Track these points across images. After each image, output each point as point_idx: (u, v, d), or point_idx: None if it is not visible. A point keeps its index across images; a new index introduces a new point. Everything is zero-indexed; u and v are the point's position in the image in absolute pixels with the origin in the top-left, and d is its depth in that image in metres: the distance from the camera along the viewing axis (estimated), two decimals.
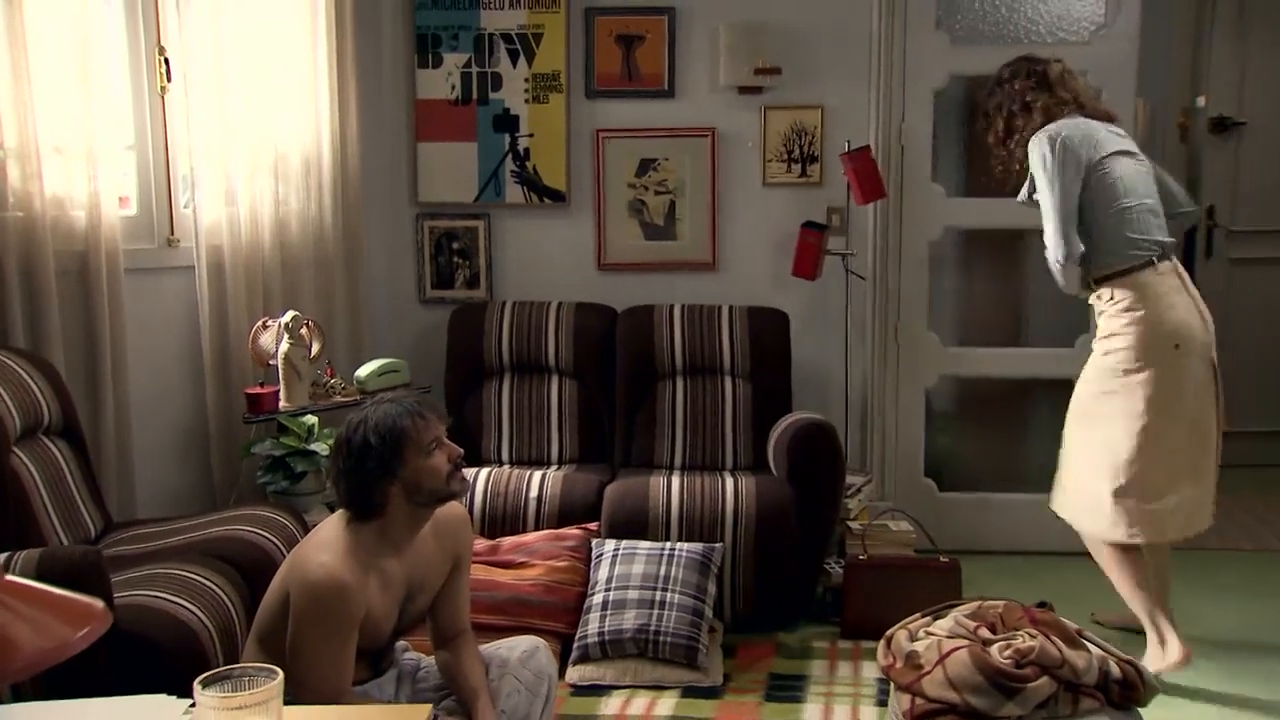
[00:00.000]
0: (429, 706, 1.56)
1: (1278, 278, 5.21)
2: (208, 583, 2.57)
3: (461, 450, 2.31)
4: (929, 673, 2.25)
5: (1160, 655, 3.10)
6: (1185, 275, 3.12)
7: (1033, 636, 2.25)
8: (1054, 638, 2.24)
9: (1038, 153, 3.10)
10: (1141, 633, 3.17)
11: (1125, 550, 3.12)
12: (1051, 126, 3.13)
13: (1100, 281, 3.11)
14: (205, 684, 1.37)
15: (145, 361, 3.39)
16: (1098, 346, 3.15)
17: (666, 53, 4.13)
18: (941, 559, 3.49)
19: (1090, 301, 3.19)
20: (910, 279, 4.18)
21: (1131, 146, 3.20)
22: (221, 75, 3.50)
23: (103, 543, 2.88)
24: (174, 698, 1.58)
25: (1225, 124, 5.14)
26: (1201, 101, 5.19)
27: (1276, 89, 5.10)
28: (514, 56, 4.15)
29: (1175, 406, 3.03)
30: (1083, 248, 3.07)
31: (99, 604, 1.26)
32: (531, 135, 4.18)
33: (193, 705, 1.42)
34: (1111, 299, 3.08)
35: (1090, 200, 3.08)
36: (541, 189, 4.22)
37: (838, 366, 4.16)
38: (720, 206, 4.19)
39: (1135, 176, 3.12)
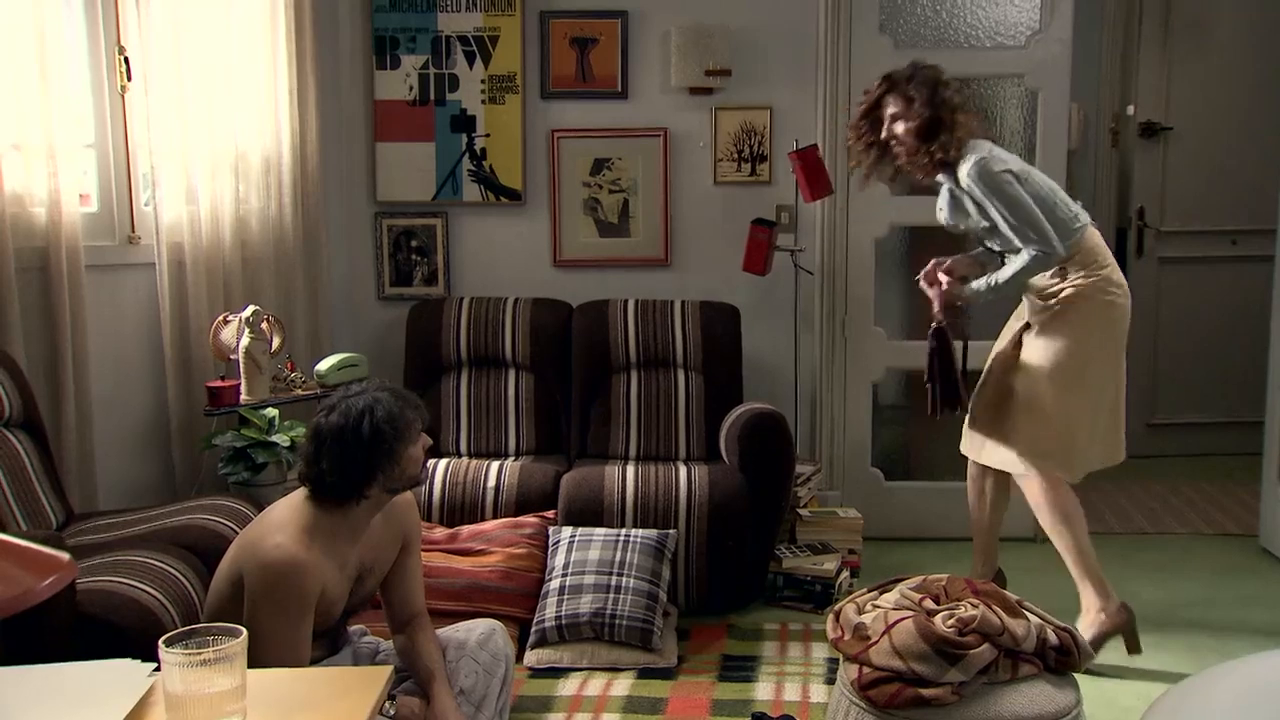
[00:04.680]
0: (390, 667, 1.60)
1: (1204, 276, 5.37)
2: (170, 569, 2.58)
3: (430, 439, 2.38)
4: (876, 643, 2.30)
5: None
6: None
7: (974, 606, 2.31)
8: (995, 607, 2.31)
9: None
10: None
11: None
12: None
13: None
14: (169, 643, 1.34)
15: (107, 356, 3.40)
16: None
17: (620, 55, 4.21)
18: None
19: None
20: (857, 275, 4.27)
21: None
22: (181, 75, 3.51)
23: (65, 532, 2.88)
24: (139, 662, 1.55)
25: (1153, 129, 5.29)
26: (1131, 109, 5.38)
27: (1199, 97, 5.27)
28: (470, 58, 4.22)
29: None
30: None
31: (64, 555, 1.24)
32: (488, 135, 4.25)
33: (157, 669, 1.39)
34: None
35: None
36: (498, 188, 4.28)
37: (787, 359, 4.25)
38: (672, 204, 4.28)
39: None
